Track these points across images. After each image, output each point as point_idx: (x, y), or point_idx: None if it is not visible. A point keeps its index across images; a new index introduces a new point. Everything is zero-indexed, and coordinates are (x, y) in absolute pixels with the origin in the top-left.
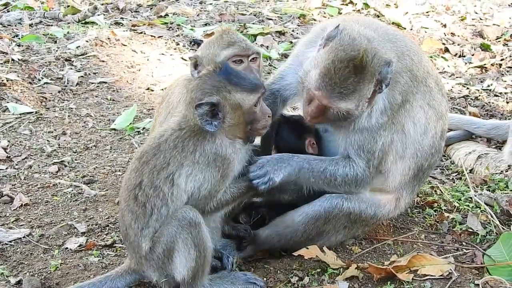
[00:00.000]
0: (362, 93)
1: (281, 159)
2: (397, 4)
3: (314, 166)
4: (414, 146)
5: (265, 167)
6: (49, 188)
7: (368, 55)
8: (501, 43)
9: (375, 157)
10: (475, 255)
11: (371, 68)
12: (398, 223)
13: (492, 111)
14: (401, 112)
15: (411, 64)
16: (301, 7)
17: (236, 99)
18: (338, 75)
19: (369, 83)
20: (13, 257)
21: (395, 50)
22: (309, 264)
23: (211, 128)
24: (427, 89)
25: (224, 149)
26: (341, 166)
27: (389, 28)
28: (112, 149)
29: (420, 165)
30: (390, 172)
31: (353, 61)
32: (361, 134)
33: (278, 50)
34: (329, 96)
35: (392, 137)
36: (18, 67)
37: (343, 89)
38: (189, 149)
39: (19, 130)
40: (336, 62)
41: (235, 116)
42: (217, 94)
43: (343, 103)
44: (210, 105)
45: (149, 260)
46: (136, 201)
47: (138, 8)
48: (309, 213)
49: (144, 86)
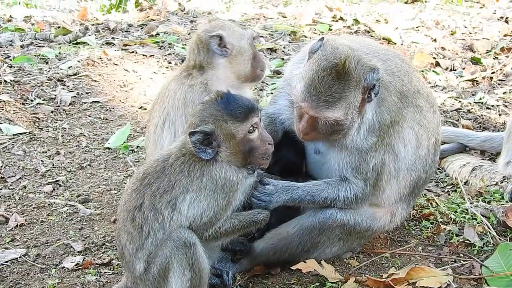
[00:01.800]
0: (348, 101)
1: (286, 190)
2: (387, 19)
3: (316, 197)
4: (407, 166)
5: (271, 196)
6: (44, 208)
7: (351, 61)
8: (492, 57)
9: (369, 176)
10: (473, 266)
11: (355, 74)
12: (395, 236)
13: (485, 123)
14: (390, 133)
15: (400, 85)
16: (292, 24)
17: (230, 128)
18: (322, 84)
19: (354, 89)
20: (9, 277)
21: (385, 69)
22: (307, 278)
23: (205, 156)
24: (417, 109)
25: (233, 175)
26: (342, 192)
27: (380, 47)
28: (106, 168)
29: (415, 183)
30: (385, 190)
31: (336, 68)
32: (352, 155)
33: (270, 67)
34: (316, 106)
35: (383, 158)
36: (11, 88)
37: (328, 97)
38: (196, 174)
39: (12, 150)
40: (320, 71)
41: (230, 146)
42: (213, 123)
43: (330, 112)
44: (203, 133)
45: (144, 280)
46: (133, 223)
47: (128, 28)
48: (303, 224)
49: (137, 105)
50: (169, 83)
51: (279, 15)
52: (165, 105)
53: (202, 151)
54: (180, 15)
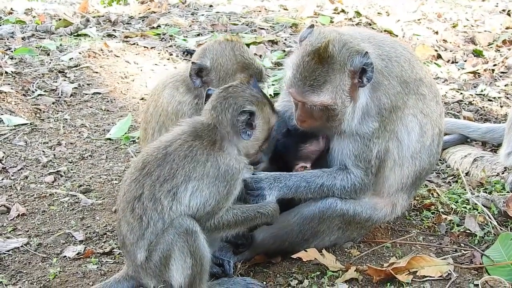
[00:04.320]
0: (334, 84)
1: (278, 178)
2: (389, 12)
3: (311, 183)
4: (411, 154)
5: (261, 183)
6: (46, 198)
7: (334, 44)
8: (493, 49)
9: (372, 165)
10: (474, 256)
11: (339, 57)
12: (395, 226)
13: (486, 115)
14: (392, 118)
15: (399, 70)
16: (293, 17)
17: (268, 112)
18: (307, 68)
19: (340, 73)
20: (11, 266)
21: (379, 54)
22: (308, 267)
23: (245, 137)
24: (420, 97)
25: (236, 163)
26: (338, 180)
27: (378, 35)
28: (108, 159)
29: (419, 174)
30: (388, 179)
31: (318, 51)
32: (355, 142)
33: (271, 58)
34: (302, 91)
35: (387, 145)
36: (12, 79)
37: (313, 82)
38: (201, 159)
39: (14, 141)
40: (305, 56)
41: (262, 130)
42: (256, 105)
43: (316, 96)
44: (250, 113)
45: (145, 269)
46: (132, 213)
47: (130, 20)
48: (304, 213)
49: (138, 96)
50: (162, 89)
51: (281, 8)
52: (159, 111)
53: (244, 131)
54: (181, 7)
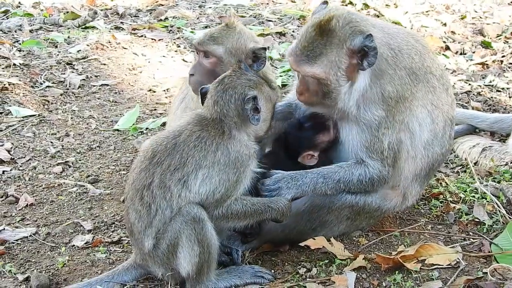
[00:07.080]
0: (329, 59)
1: (295, 177)
2: (397, 4)
3: (328, 179)
4: (424, 145)
5: (279, 183)
6: (54, 188)
7: (339, 20)
8: (502, 41)
9: (386, 156)
10: (482, 244)
11: (340, 33)
12: (404, 215)
13: (495, 105)
14: (400, 109)
15: (409, 62)
16: (301, 9)
17: (268, 91)
18: (307, 39)
19: (337, 48)
20: (20, 255)
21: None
22: (317, 256)
23: (255, 122)
24: (430, 89)
25: (246, 150)
26: (356, 175)
27: (392, 26)
28: (115, 149)
29: (431, 165)
30: (403, 170)
31: (320, 23)
32: (362, 132)
33: (278, 50)
34: (298, 60)
35: (399, 137)
36: (20, 71)
37: (309, 52)
38: (211, 148)
39: (22, 132)
40: (309, 27)
41: (267, 110)
42: (255, 88)
43: (309, 66)
44: (253, 98)
45: (153, 257)
46: (141, 201)
47: (137, 13)
48: (313, 202)
49: (146, 88)
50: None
51: (288, 0)
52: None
53: (253, 117)
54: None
